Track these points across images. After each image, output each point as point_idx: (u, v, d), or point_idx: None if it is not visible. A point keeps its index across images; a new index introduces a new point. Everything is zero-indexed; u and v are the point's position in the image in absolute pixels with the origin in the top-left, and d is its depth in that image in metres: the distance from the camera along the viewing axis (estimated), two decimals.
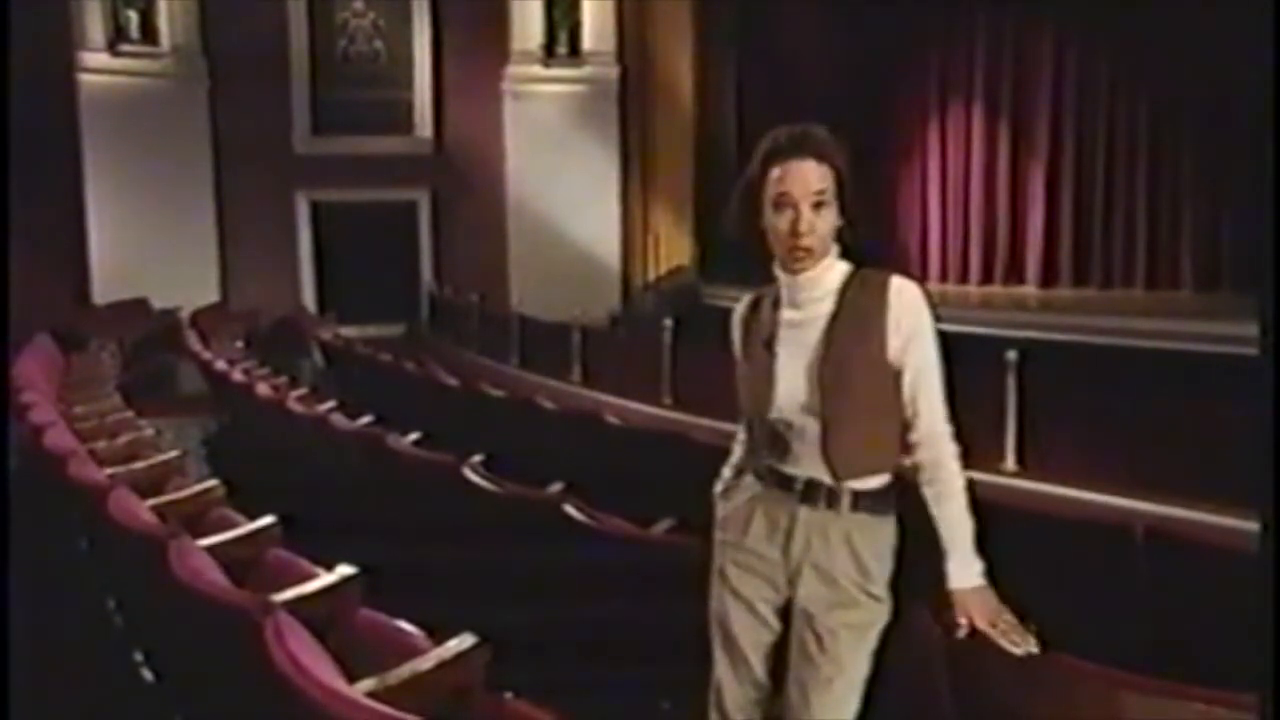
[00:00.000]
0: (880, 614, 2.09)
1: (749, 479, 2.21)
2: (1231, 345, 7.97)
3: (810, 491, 2.09)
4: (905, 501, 2.15)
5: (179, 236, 13.65)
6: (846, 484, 2.07)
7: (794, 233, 2.05)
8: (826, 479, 2.08)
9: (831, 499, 2.08)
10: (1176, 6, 12.42)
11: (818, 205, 2.04)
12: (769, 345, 2.14)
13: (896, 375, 2.07)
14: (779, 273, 2.14)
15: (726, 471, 2.32)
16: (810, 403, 2.07)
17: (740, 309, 2.27)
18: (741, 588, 2.15)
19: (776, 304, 2.17)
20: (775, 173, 2.06)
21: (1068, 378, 7.31)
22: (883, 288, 2.07)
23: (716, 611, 2.20)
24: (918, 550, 2.13)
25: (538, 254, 14.78)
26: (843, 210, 2.08)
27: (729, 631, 2.17)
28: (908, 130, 15.34)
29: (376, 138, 14.52)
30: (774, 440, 2.13)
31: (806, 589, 2.09)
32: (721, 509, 2.25)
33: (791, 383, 2.10)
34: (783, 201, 2.05)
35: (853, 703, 2.07)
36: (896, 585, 2.12)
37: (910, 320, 2.06)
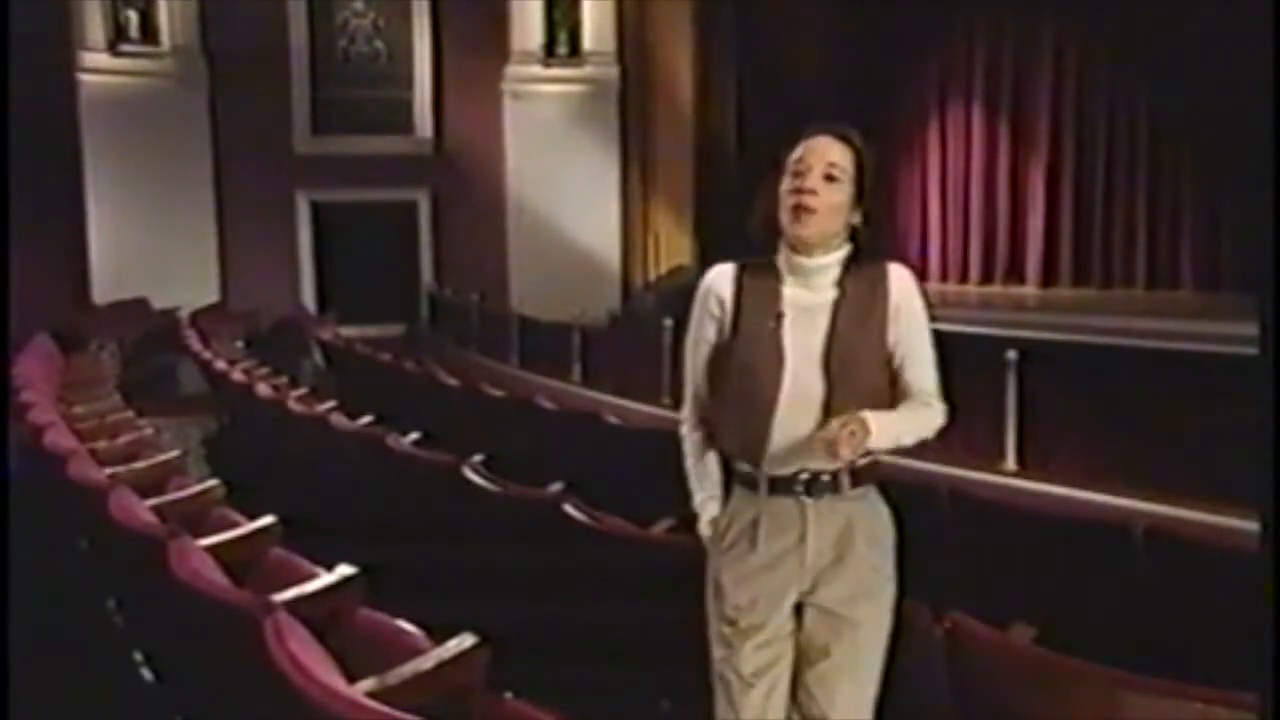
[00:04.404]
0: (892, 595, 2.10)
1: (740, 494, 2.15)
2: (1231, 345, 7.97)
3: (814, 485, 2.07)
4: (905, 501, 2.15)
5: (179, 236, 13.64)
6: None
7: (798, 190, 2.06)
8: (824, 465, 2.05)
9: (835, 483, 2.08)
10: (1176, 6, 12.41)
11: (829, 178, 2.07)
12: (777, 321, 2.09)
13: (890, 360, 2.11)
14: (792, 254, 2.11)
15: (712, 506, 2.23)
16: (816, 391, 2.06)
17: (727, 277, 2.18)
18: (753, 617, 2.09)
19: (778, 279, 2.13)
20: (797, 151, 2.10)
21: (1068, 378, 7.30)
22: (883, 276, 2.12)
23: (722, 659, 2.12)
24: (917, 550, 2.13)
25: (538, 254, 14.77)
26: (860, 200, 2.10)
27: (740, 673, 2.09)
28: (908, 130, 15.33)
29: (376, 138, 14.50)
30: (764, 435, 2.07)
31: (826, 584, 2.07)
32: (719, 539, 2.17)
33: (799, 368, 2.07)
34: (798, 169, 2.08)
35: (872, 691, 2.08)
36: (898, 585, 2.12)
37: (907, 305, 2.12)
